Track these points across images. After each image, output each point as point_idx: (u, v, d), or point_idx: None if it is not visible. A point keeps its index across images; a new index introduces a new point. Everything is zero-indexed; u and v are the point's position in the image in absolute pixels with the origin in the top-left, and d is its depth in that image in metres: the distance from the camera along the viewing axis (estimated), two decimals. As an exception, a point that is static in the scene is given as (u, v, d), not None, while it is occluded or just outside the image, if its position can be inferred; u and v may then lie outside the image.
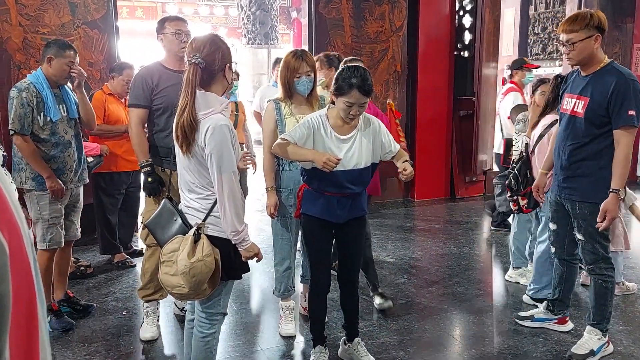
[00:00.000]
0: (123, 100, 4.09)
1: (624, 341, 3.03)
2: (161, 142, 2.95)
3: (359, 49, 5.93)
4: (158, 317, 3.16)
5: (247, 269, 2.23)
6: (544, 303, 3.21)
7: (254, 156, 3.66)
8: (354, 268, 2.78)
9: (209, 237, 2.08)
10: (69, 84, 3.19)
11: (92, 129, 3.48)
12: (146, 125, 3.05)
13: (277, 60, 4.83)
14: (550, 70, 8.43)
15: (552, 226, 3.03)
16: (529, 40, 9.82)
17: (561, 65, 8.00)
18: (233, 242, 2.09)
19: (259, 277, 3.98)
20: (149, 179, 2.93)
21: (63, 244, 3.17)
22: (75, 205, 3.27)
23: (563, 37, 2.67)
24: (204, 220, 2.09)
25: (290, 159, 2.68)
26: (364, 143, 2.52)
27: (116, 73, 4.12)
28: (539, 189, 3.12)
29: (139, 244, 4.63)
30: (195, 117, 2.01)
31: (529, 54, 9.83)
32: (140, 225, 3.55)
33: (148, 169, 2.93)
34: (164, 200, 2.34)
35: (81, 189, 3.31)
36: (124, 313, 3.44)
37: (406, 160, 2.52)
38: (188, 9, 15.61)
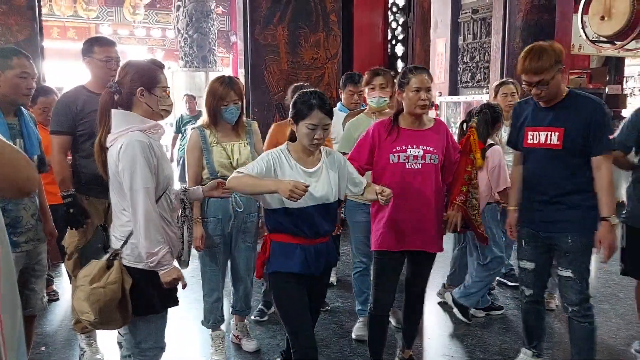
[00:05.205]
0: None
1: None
2: (87, 169, 2.80)
3: (295, 75, 6.01)
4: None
5: (172, 303, 2.12)
6: (529, 351, 2.86)
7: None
8: (316, 318, 2.58)
9: (126, 266, 2.01)
10: (26, 110, 2.59)
11: (46, 171, 2.75)
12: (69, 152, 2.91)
13: None
14: (478, 97, 8.84)
15: (529, 265, 2.73)
16: (459, 69, 10.29)
17: (488, 93, 8.41)
18: (149, 267, 1.98)
19: (191, 305, 3.87)
20: (71, 210, 2.76)
21: None
22: (34, 269, 2.51)
23: (532, 78, 2.43)
24: (122, 246, 2.03)
25: (249, 193, 2.37)
26: (331, 175, 2.34)
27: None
28: (512, 227, 2.79)
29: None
30: (103, 142, 2.02)
31: (459, 81, 10.30)
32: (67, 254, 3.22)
33: (70, 199, 2.77)
34: (98, 229, 2.26)
35: (43, 248, 2.57)
36: (42, 349, 3.25)
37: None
38: (123, 30, 15.29)
